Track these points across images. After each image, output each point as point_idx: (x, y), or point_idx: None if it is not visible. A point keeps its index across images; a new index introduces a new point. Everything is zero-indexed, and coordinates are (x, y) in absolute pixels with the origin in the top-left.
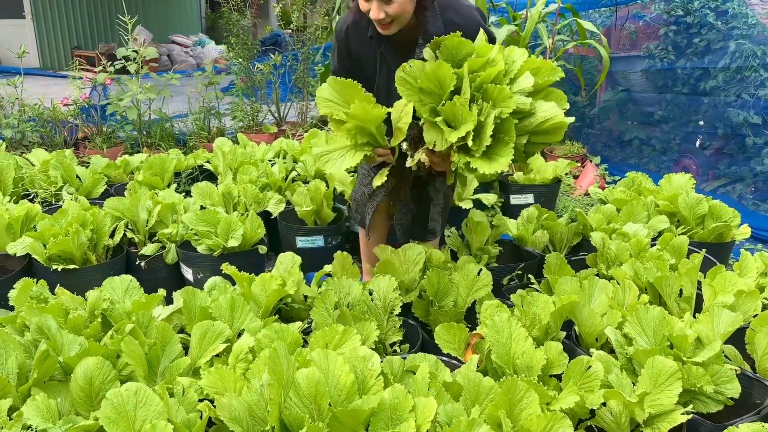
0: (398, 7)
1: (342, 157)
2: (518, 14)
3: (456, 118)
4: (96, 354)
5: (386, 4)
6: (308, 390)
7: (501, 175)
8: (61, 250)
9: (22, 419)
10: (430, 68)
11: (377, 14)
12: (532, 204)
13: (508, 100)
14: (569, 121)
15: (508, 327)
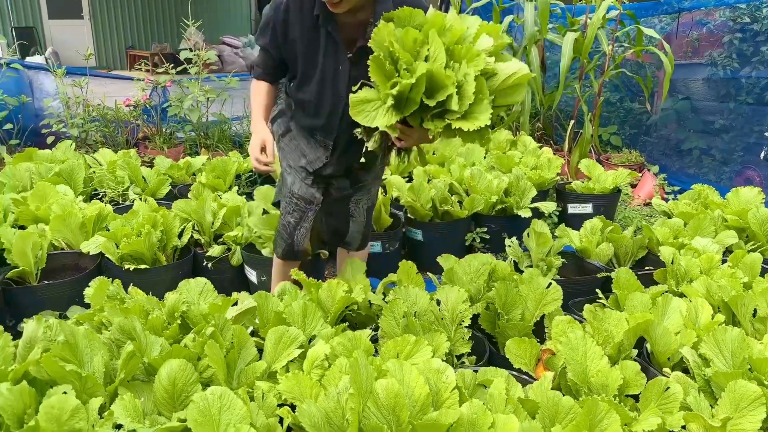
0: None
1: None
2: (576, 20)
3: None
4: (179, 356)
5: None
6: (387, 401)
7: (558, 184)
8: (133, 250)
9: (113, 418)
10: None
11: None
12: (591, 214)
13: (477, 58)
14: (533, 74)
15: (583, 345)
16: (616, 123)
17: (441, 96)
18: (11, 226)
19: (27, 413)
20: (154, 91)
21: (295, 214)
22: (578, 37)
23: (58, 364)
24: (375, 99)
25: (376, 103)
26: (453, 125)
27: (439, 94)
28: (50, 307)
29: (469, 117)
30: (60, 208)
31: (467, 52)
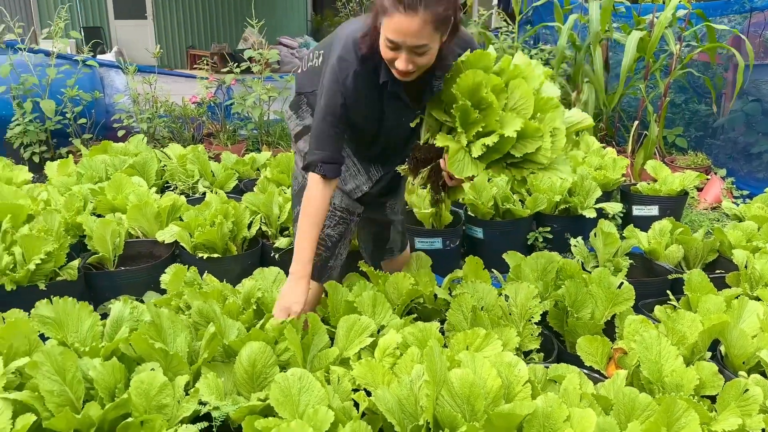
0: (429, 58)
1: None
2: (642, 19)
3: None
4: (258, 339)
5: (418, 56)
6: (462, 390)
7: (623, 185)
8: (206, 239)
9: (197, 395)
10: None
11: (405, 66)
12: (657, 216)
13: (556, 110)
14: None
15: (658, 344)
16: (681, 125)
17: (529, 148)
18: (90, 214)
19: (118, 387)
20: (219, 89)
21: (338, 227)
22: (644, 37)
23: (147, 341)
24: (458, 148)
25: (461, 153)
26: (540, 174)
27: (525, 145)
28: (127, 291)
29: (550, 169)
30: (137, 198)
31: (546, 104)
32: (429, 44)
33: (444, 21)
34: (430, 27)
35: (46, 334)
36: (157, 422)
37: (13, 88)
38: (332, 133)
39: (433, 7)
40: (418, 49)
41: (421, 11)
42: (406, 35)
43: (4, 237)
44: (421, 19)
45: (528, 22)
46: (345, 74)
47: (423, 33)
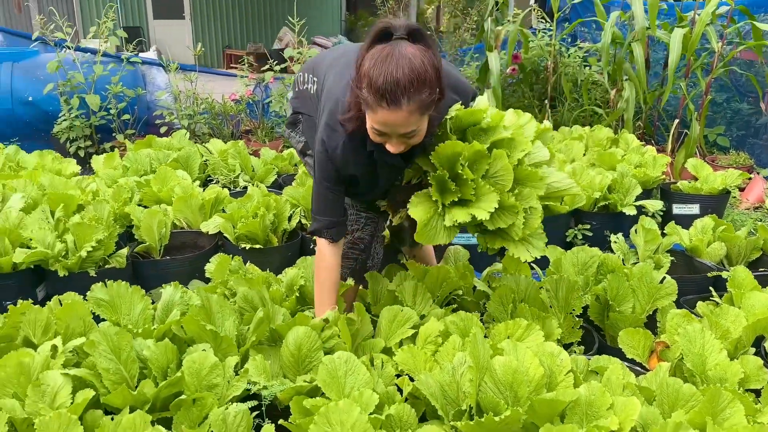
0: (419, 137)
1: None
2: (684, 15)
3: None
4: (303, 324)
5: (408, 138)
6: (504, 377)
7: (663, 183)
8: (248, 230)
9: (247, 376)
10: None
11: (397, 149)
12: (698, 215)
13: (539, 182)
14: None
15: (701, 337)
16: (722, 123)
17: (502, 222)
18: (136, 205)
19: (170, 367)
20: (257, 87)
21: (367, 228)
22: (686, 34)
23: (199, 324)
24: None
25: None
26: (511, 251)
27: (501, 218)
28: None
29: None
30: (182, 191)
31: (529, 176)
32: (417, 128)
33: (429, 104)
34: (416, 115)
35: (101, 316)
36: (209, 400)
37: (60, 85)
38: (330, 197)
39: (416, 96)
40: (407, 134)
41: (404, 104)
42: (393, 127)
43: (57, 225)
44: (406, 111)
45: (566, 20)
46: (334, 145)
47: (410, 122)
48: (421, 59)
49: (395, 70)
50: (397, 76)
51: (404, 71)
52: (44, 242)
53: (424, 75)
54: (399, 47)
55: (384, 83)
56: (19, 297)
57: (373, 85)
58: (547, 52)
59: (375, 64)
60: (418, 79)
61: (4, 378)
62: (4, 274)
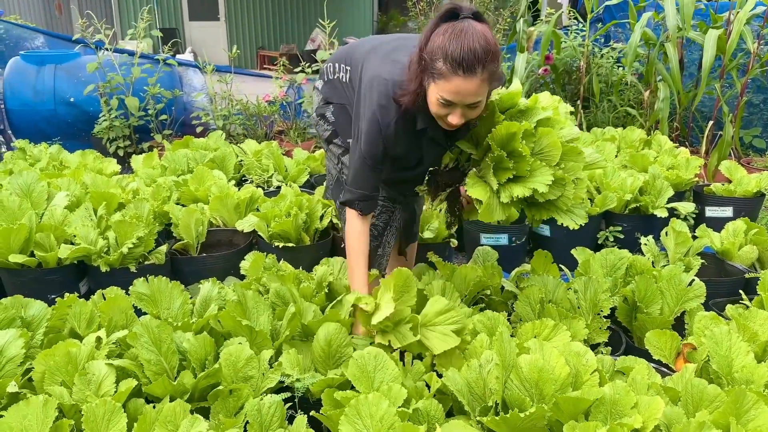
0: (479, 111)
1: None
2: (719, 16)
3: None
4: (334, 320)
5: (471, 110)
6: (530, 375)
7: (696, 186)
8: (282, 229)
9: (281, 369)
10: None
11: (459, 121)
12: (731, 218)
13: (579, 156)
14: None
15: (728, 339)
16: (758, 125)
17: (552, 195)
18: (174, 204)
19: (208, 359)
20: (290, 89)
21: (383, 216)
22: (721, 35)
23: (235, 318)
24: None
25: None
26: (559, 221)
27: (552, 191)
28: (208, 276)
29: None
30: (218, 190)
31: (571, 151)
32: (483, 99)
33: (497, 76)
34: (485, 84)
35: (143, 309)
36: (244, 391)
37: (100, 87)
38: (370, 175)
39: (490, 66)
40: (472, 105)
41: (479, 72)
42: (464, 96)
43: (99, 222)
44: (479, 80)
45: (599, 20)
46: (386, 123)
47: (479, 91)
48: (490, 35)
49: (472, 42)
50: (474, 46)
51: (480, 43)
52: (87, 239)
53: (495, 48)
54: (470, 24)
55: (462, 52)
56: (63, 291)
57: (450, 55)
58: (580, 52)
59: (450, 38)
60: (491, 50)
61: (53, 367)
62: (50, 268)
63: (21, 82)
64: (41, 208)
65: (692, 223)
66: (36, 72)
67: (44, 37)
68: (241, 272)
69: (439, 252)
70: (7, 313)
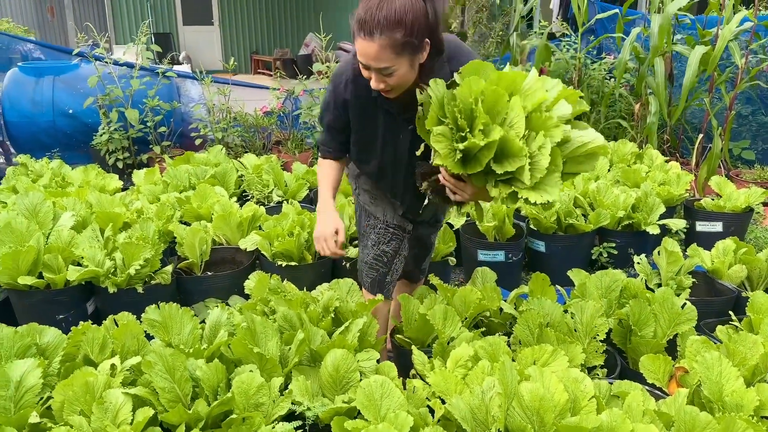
0: (398, 79)
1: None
2: (707, 32)
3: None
4: (341, 346)
5: (386, 76)
6: (532, 403)
7: (686, 200)
8: (284, 248)
9: (291, 396)
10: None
11: (377, 84)
12: (721, 233)
13: (555, 129)
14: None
15: (719, 365)
16: (747, 137)
17: (511, 166)
18: (177, 221)
19: (220, 387)
20: (287, 100)
21: (392, 243)
22: (708, 51)
23: (246, 346)
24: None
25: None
26: (520, 194)
27: (509, 163)
28: (213, 295)
29: (538, 188)
30: (221, 209)
31: (545, 122)
32: (393, 66)
33: (405, 45)
34: (389, 51)
35: (154, 336)
36: (257, 419)
37: (99, 99)
38: (327, 128)
39: (389, 33)
40: (383, 71)
41: (377, 37)
42: (368, 58)
43: (106, 244)
44: (378, 45)
45: (591, 32)
46: (338, 81)
47: (382, 57)
48: (403, 4)
49: (377, 7)
50: (376, 11)
51: (386, 9)
52: (95, 260)
53: (401, 16)
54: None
55: (363, 14)
56: (70, 311)
57: (356, 16)
58: (572, 65)
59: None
60: (394, 17)
61: (72, 397)
62: (58, 289)
63: (20, 93)
64: (47, 229)
65: (683, 238)
66: (35, 83)
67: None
68: (245, 291)
69: (438, 270)
70: (23, 341)
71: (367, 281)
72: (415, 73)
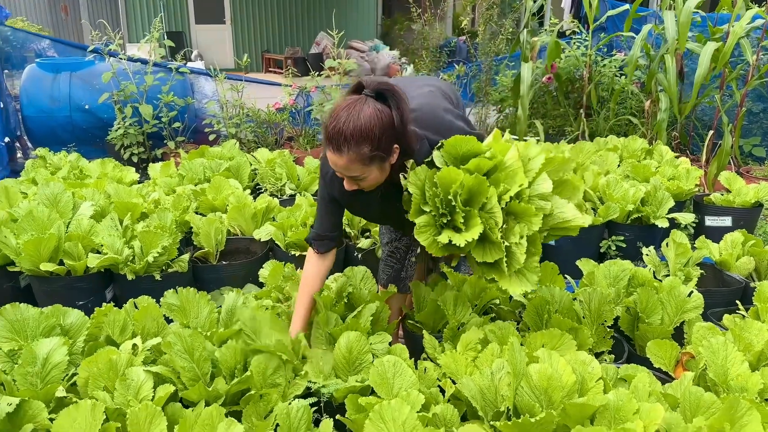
0: (369, 182)
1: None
2: (718, 29)
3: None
4: (354, 329)
5: (358, 180)
6: (540, 382)
7: (696, 195)
8: (297, 238)
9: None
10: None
11: (350, 186)
12: (730, 227)
13: (533, 218)
14: (587, 222)
15: (724, 349)
16: (758, 134)
17: (490, 257)
18: (194, 213)
19: (237, 368)
20: (299, 96)
21: (403, 240)
22: (719, 48)
23: None
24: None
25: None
26: (500, 284)
27: (488, 252)
28: (228, 283)
29: (518, 275)
30: (236, 200)
31: (525, 211)
32: (363, 174)
33: (373, 158)
34: (357, 163)
35: (172, 319)
36: (274, 396)
37: (114, 95)
38: (322, 212)
39: (356, 149)
40: (354, 177)
41: (345, 152)
42: (338, 168)
43: (125, 232)
44: (347, 158)
45: (602, 30)
46: (325, 171)
47: (352, 168)
48: (370, 119)
49: (345, 123)
50: (343, 128)
51: (353, 125)
52: (114, 248)
53: (368, 131)
54: (359, 103)
55: (331, 129)
56: (90, 297)
57: (326, 130)
58: (583, 62)
59: (334, 111)
60: (360, 134)
61: (96, 373)
62: (78, 276)
63: (37, 89)
64: (67, 218)
65: (692, 233)
66: (52, 79)
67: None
68: (260, 279)
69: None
70: (48, 321)
71: (384, 278)
72: (386, 174)
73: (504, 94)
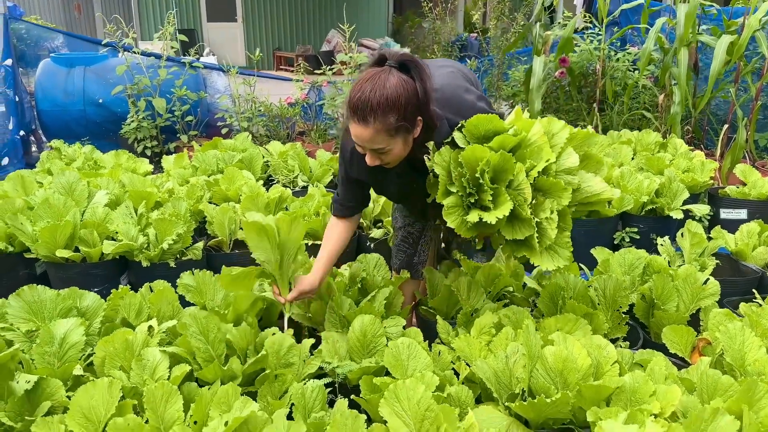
0: (392, 156)
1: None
2: (733, 22)
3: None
4: (368, 312)
5: (381, 154)
6: (555, 364)
7: (711, 188)
8: (310, 227)
9: (321, 357)
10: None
11: (372, 161)
12: (745, 220)
13: (563, 192)
14: (616, 195)
15: (742, 334)
16: None
17: (520, 234)
18: (207, 202)
19: (249, 349)
20: (311, 91)
21: (417, 224)
22: (734, 41)
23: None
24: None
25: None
26: (532, 260)
27: (518, 230)
28: None
29: (549, 252)
30: (249, 190)
31: (553, 186)
32: (387, 146)
33: (399, 128)
34: (383, 134)
35: (189, 300)
36: (288, 376)
37: (128, 88)
38: (342, 188)
39: (382, 118)
40: (377, 150)
41: (371, 122)
42: (363, 141)
43: (139, 220)
44: (373, 129)
45: (615, 24)
46: (345, 148)
47: (377, 139)
48: (396, 88)
49: (370, 92)
50: (370, 97)
51: (379, 94)
52: (129, 235)
53: (394, 100)
54: (383, 73)
55: (356, 100)
56: (105, 284)
57: (350, 101)
58: (596, 56)
59: (357, 83)
60: (387, 102)
61: (113, 353)
62: (93, 263)
63: (52, 83)
64: (83, 206)
65: (707, 225)
66: (66, 74)
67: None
68: None
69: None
70: (65, 303)
71: (396, 263)
72: (409, 148)
73: (516, 88)
